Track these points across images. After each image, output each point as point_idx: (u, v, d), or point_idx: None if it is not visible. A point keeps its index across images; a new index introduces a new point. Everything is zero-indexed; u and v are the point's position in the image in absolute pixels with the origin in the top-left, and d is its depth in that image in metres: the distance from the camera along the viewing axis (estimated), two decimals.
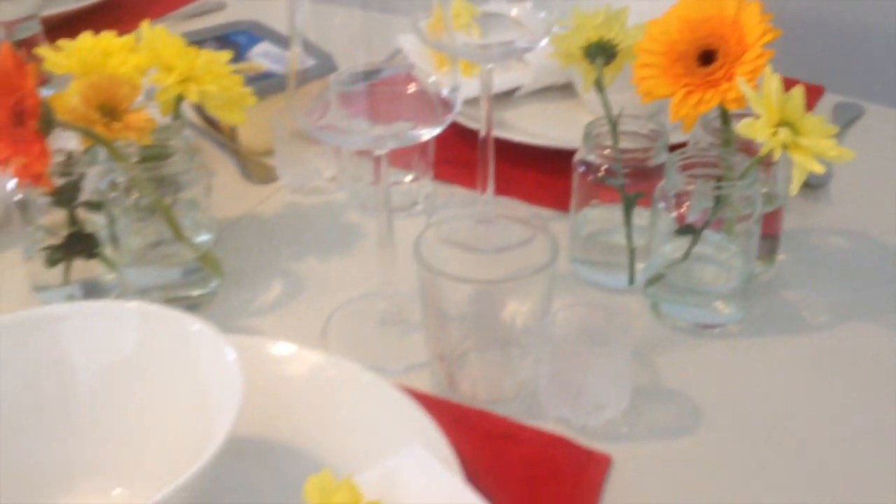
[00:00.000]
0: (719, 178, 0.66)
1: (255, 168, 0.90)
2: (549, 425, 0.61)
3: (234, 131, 0.92)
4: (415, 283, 0.64)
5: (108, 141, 0.66)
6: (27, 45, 0.93)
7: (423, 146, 0.85)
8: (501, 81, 0.95)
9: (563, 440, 0.60)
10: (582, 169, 0.72)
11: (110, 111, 0.66)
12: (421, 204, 0.85)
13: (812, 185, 0.83)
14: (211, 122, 0.94)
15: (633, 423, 0.61)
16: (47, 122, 0.60)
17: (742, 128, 0.59)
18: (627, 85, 0.71)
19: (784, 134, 0.58)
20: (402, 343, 0.69)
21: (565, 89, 0.98)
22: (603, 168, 0.70)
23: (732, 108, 0.63)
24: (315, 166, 0.87)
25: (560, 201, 0.82)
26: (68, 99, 0.67)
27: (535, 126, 0.93)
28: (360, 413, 0.58)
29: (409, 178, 0.85)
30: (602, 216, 0.74)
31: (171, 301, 0.71)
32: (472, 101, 0.83)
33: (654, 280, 0.70)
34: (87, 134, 0.65)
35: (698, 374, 0.65)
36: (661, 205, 0.67)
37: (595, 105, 0.90)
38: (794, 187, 0.60)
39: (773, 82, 0.58)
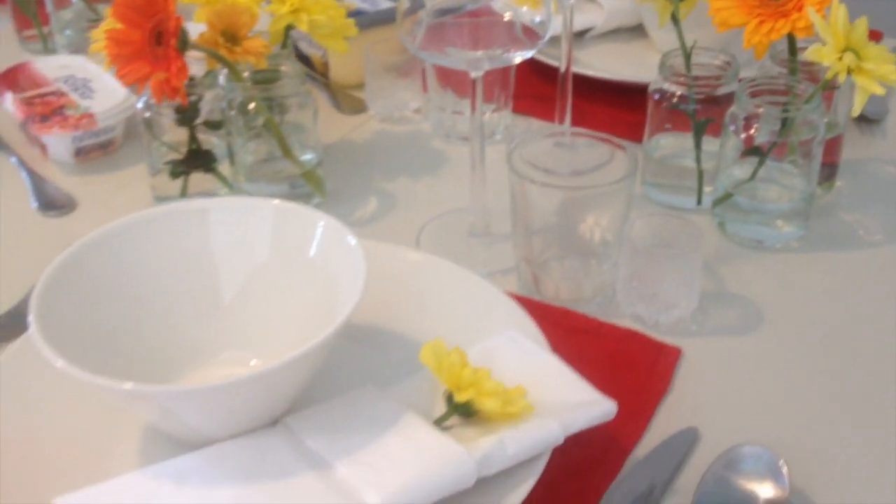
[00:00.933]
0: (786, 104, 0.72)
1: (346, 100, 0.97)
2: (625, 322, 0.68)
3: (325, 66, 0.99)
4: (498, 202, 0.70)
5: (231, 63, 0.73)
6: None
7: (504, 80, 0.91)
8: (575, 22, 1.01)
9: (638, 334, 0.67)
10: (657, 96, 0.78)
11: (232, 37, 0.74)
12: (500, 134, 0.92)
13: (869, 120, 0.88)
14: (303, 59, 1.01)
15: (701, 322, 0.68)
16: (184, 42, 0.68)
17: (811, 52, 0.65)
18: (698, 24, 0.77)
19: (849, 58, 0.64)
20: (489, 251, 0.76)
21: (636, 30, 1.04)
22: (676, 95, 0.76)
23: (801, 36, 0.68)
24: (402, 98, 0.94)
25: (632, 132, 0.88)
26: None
27: (608, 64, 0.99)
28: (460, 305, 0.65)
29: (489, 109, 0.92)
30: (673, 143, 0.80)
31: None
32: (549, 40, 0.90)
33: (722, 200, 0.76)
34: (213, 55, 0.72)
35: (761, 283, 0.72)
36: (731, 128, 0.73)
37: (665, 44, 0.96)
38: (856, 109, 0.65)
39: (839, 11, 0.64)
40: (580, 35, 1.03)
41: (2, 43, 1.10)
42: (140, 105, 0.78)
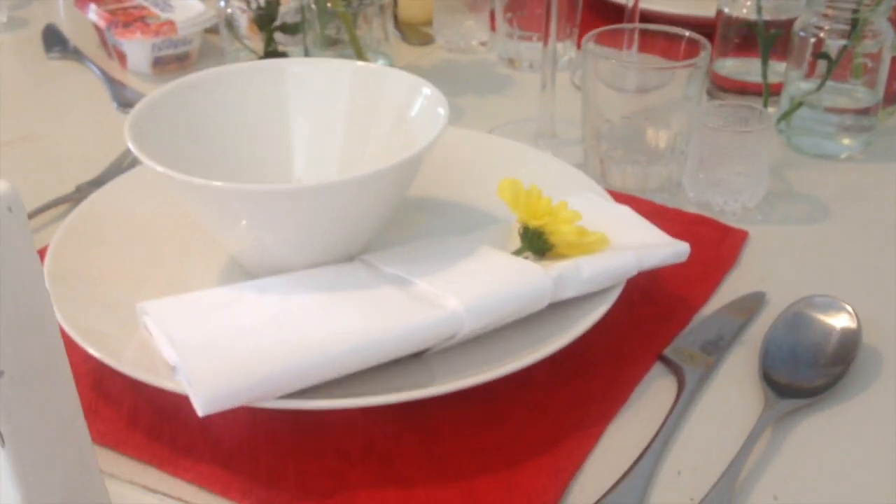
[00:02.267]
0: (855, 8, 0.73)
1: (414, 33, 0.99)
2: (692, 209, 0.69)
3: (394, 3, 1.02)
4: (562, 118, 0.72)
5: None
6: None
7: (571, 14, 0.93)
8: None
9: (704, 218, 0.68)
10: (726, 10, 0.79)
11: None
12: (564, 63, 0.93)
13: None
14: None
15: (767, 212, 0.69)
16: None
17: None
18: None
19: None
20: (556, 150, 0.77)
21: None
22: (746, 5, 0.78)
23: None
24: (469, 29, 0.96)
25: None
26: None
27: (668, 7, 1.00)
28: (534, 178, 0.65)
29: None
30: (738, 64, 0.82)
31: None
32: None
33: (790, 111, 0.77)
34: None
35: (826, 184, 0.72)
36: (801, 34, 0.74)
37: None
38: None
39: None
40: None
41: None
42: (222, 3, 0.80)
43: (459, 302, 0.49)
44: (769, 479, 0.47)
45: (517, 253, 0.55)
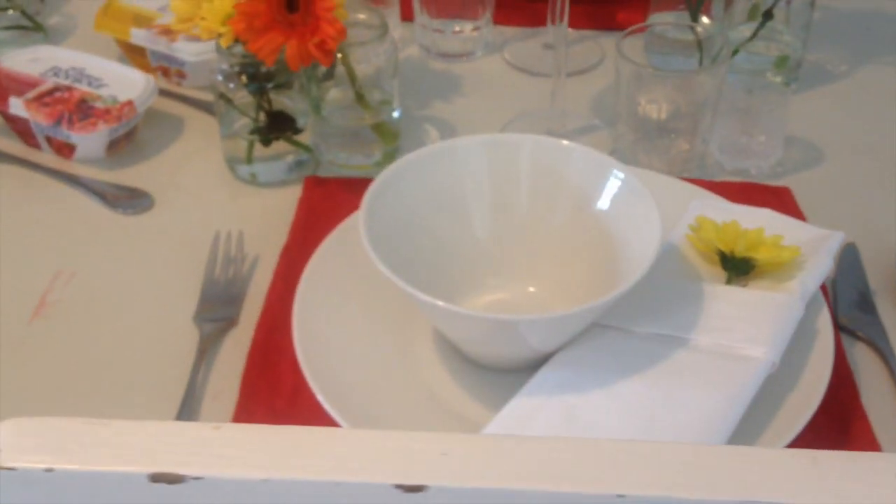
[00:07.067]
0: None
1: None
2: (731, 178, 0.79)
3: None
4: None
5: None
6: None
7: None
8: None
9: (751, 184, 0.78)
10: None
11: None
12: (481, 50, 0.97)
13: None
14: None
15: (784, 164, 0.81)
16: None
17: None
18: None
19: None
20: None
21: None
22: None
23: None
24: None
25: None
26: None
27: None
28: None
29: (470, 27, 0.96)
30: (673, 18, 0.92)
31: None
32: None
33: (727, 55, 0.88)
34: None
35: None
36: None
37: None
38: None
39: None
40: None
41: None
42: (220, 77, 0.75)
43: (767, 349, 0.56)
44: None
45: (728, 282, 0.63)
